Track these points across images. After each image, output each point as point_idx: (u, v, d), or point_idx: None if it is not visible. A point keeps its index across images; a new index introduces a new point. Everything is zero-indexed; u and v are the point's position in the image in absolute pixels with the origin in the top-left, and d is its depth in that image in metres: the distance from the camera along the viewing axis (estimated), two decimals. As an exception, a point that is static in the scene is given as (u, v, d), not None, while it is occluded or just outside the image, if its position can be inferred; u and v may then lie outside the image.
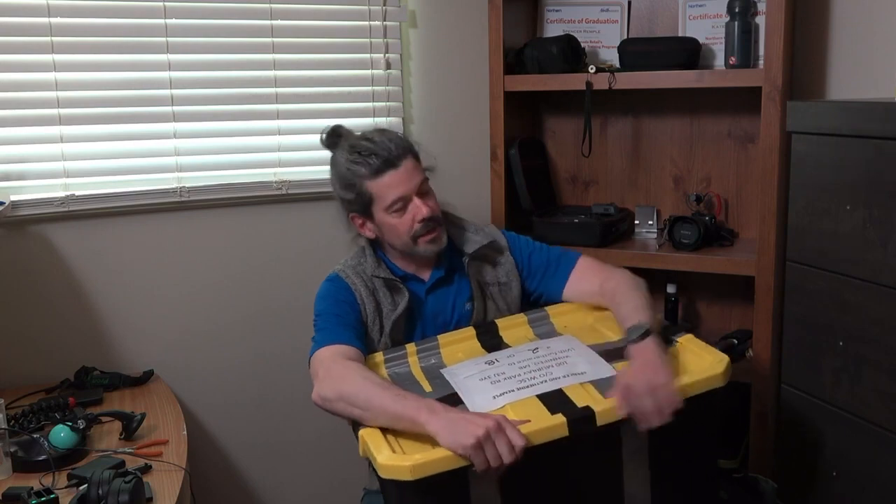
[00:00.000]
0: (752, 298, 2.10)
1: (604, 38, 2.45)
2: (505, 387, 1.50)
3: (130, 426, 1.83)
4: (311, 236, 2.44)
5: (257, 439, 2.47)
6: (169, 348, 2.32)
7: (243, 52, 2.32)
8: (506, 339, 1.73)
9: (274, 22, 2.33)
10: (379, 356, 1.70)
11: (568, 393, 1.46)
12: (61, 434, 1.72)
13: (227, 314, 2.39)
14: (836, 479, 1.72)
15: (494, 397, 1.47)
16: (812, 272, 1.73)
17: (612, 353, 1.58)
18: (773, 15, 1.99)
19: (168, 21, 2.21)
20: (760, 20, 2.10)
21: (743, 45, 2.09)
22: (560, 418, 1.38)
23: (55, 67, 2.11)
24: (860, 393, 1.64)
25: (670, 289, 2.36)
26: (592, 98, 2.24)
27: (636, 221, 2.43)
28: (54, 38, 2.10)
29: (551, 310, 1.83)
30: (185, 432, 1.88)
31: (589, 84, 2.23)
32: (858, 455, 1.66)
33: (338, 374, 1.56)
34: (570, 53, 2.30)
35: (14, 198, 2.11)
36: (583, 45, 2.34)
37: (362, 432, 1.44)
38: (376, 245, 1.87)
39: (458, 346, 1.72)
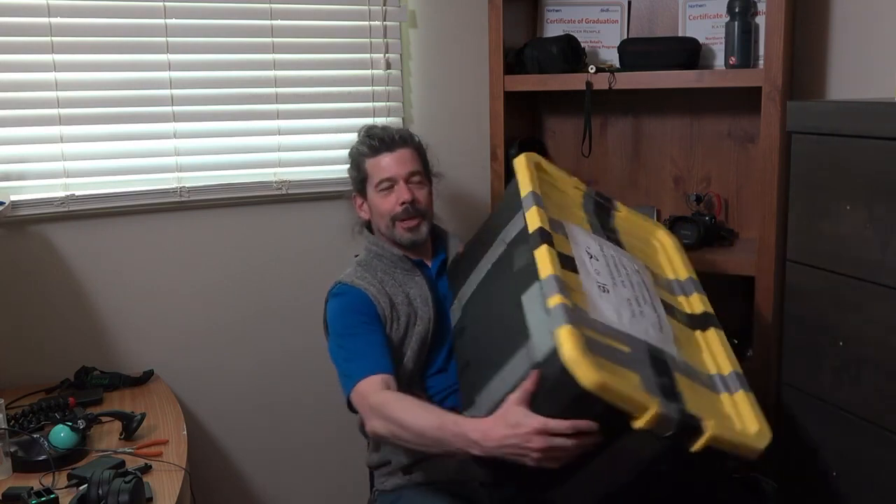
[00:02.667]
0: (752, 298, 2.10)
1: (604, 38, 2.45)
2: (651, 315, 1.50)
3: (130, 426, 1.83)
4: (311, 236, 2.44)
5: (258, 439, 2.46)
6: (169, 348, 2.31)
7: (243, 52, 2.31)
8: (564, 252, 1.52)
9: (274, 22, 2.33)
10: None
11: (666, 300, 1.58)
12: (61, 434, 1.72)
13: (227, 314, 2.39)
14: (836, 479, 1.72)
15: (662, 331, 1.49)
16: (812, 272, 1.73)
17: (606, 235, 1.68)
18: (773, 15, 1.99)
19: (168, 21, 2.21)
20: (760, 20, 2.10)
21: (743, 45, 2.09)
22: (718, 332, 1.58)
23: (55, 67, 2.11)
24: (860, 393, 1.64)
25: (670, 289, 2.36)
26: (592, 98, 2.24)
27: (636, 221, 2.43)
28: (54, 38, 2.10)
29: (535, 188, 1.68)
30: (185, 432, 1.88)
31: (589, 84, 2.23)
32: (858, 455, 1.66)
33: (383, 410, 1.61)
34: (570, 53, 2.29)
35: (14, 198, 2.10)
36: (583, 45, 2.34)
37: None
38: (380, 240, 1.95)
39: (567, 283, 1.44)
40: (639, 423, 1.29)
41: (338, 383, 1.84)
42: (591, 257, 1.53)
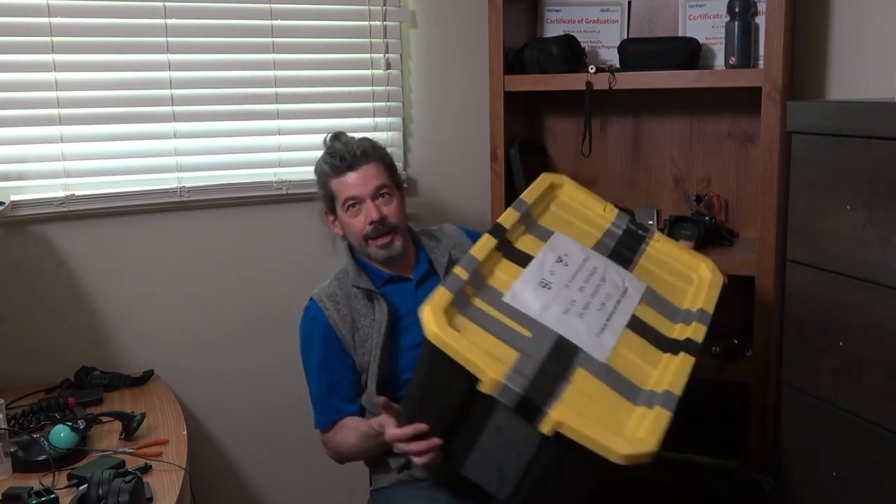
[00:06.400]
0: (752, 298, 2.10)
1: (604, 38, 2.45)
2: (594, 320, 1.51)
3: (130, 426, 1.83)
4: (310, 236, 2.42)
5: (258, 439, 2.47)
6: (169, 349, 2.31)
7: (243, 52, 2.32)
8: (524, 250, 1.65)
9: (274, 22, 2.33)
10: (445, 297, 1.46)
11: (647, 320, 1.57)
12: (61, 434, 1.72)
13: (227, 314, 2.39)
14: (836, 479, 1.72)
15: (598, 335, 1.48)
16: (812, 272, 1.73)
17: (617, 256, 1.70)
18: (773, 15, 1.99)
19: (168, 21, 2.21)
20: (760, 20, 2.10)
21: (743, 45, 2.09)
22: (687, 358, 1.50)
23: (55, 67, 2.11)
24: (860, 393, 1.64)
25: (670, 289, 2.36)
26: (592, 98, 2.24)
27: (636, 221, 2.43)
28: (54, 38, 2.10)
29: (527, 198, 1.77)
30: (185, 432, 1.88)
31: (589, 84, 2.23)
32: (858, 455, 1.66)
33: (335, 451, 1.94)
34: (570, 53, 2.29)
35: (14, 198, 2.11)
36: (583, 45, 2.34)
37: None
38: (357, 255, 1.95)
39: (493, 267, 1.59)
40: (482, 388, 1.35)
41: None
42: (560, 261, 1.61)
